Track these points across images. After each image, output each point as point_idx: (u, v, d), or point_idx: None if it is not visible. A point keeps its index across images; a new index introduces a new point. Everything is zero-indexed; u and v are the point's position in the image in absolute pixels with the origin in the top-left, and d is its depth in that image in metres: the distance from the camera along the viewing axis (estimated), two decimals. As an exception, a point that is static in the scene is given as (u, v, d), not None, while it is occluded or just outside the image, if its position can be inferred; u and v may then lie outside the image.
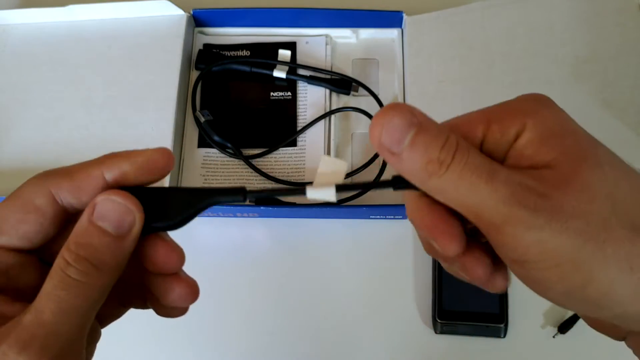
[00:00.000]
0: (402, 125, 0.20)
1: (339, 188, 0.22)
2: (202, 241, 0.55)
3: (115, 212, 0.21)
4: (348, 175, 0.54)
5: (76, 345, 0.21)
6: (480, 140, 0.22)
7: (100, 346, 0.26)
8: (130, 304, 0.26)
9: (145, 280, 0.24)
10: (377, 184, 0.26)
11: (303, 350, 0.51)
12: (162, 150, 0.23)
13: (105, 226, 0.21)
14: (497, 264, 0.23)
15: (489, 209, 0.19)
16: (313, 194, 0.22)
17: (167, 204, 0.23)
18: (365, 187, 0.35)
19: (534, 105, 0.22)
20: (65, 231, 0.23)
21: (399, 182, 0.22)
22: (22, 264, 0.22)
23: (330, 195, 0.22)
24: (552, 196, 0.19)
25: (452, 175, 0.19)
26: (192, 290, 0.24)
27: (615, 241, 0.19)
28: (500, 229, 0.19)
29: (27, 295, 0.22)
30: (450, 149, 0.20)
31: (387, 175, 0.53)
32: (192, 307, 0.52)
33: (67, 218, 0.23)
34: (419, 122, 0.20)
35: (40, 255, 0.23)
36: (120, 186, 0.22)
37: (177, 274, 0.24)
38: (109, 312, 0.26)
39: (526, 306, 0.50)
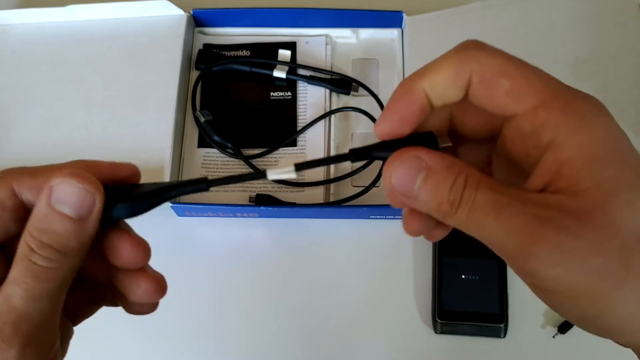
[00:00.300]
0: (410, 171, 0.21)
1: (298, 166, 0.23)
2: (202, 241, 0.55)
3: (74, 195, 0.21)
4: (348, 175, 0.54)
5: (48, 329, 0.21)
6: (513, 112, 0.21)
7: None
8: (101, 302, 0.26)
9: (112, 277, 0.24)
10: (335, 158, 0.27)
11: (303, 350, 0.51)
12: (129, 166, 0.23)
13: (65, 210, 0.21)
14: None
15: (500, 244, 0.20)
16: (273, 175, 0.23)
17: (131, 195, 0.23)
18: (323, 163, 0.33)
19: (591, 115, 0.20)
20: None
21: (355, 154, 0.23)
22: None
23: (289, 172, 0.23)
24: (570, 229, 0.18)
25: (462, 215, 0.20)
26: (159, 286, 0.24)
27: (635, 280, 0.19)
28: (514, 261, 0.20)
29: None
30: (458, 189, 0.20)
31: (387, 175, 0.53)
32: (192, 307, 0.52)
33: (25, 214, 0.23)
34: (427, 165, 0.21)
35: (4, 251, 0.23)
36: None
37: (144, 269, 0.24)
38: (80, 310, 0.26)
39: (526, 306, 0.50)
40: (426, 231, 0.24)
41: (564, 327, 0.50)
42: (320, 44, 0.60)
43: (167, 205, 0.51)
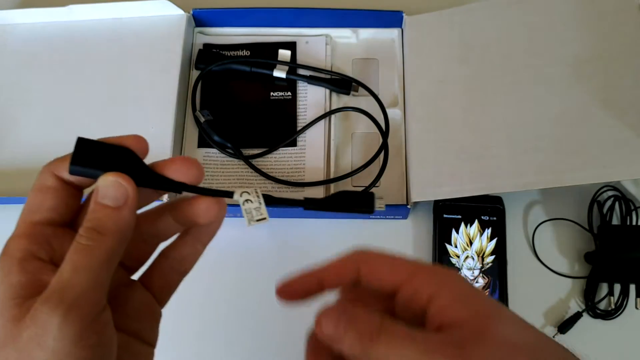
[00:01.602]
0: (334, 320, 0.26)
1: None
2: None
3: (111, 189, 0.26)
4: (348, 175, 0.54)
5: (92, 299, 0.24)
6: (393, 286, 0.27)
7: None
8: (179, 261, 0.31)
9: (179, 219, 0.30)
10: (289, 201, 0.31)
11: (303, 349, 0.51)
12: (131, 137, 0.29)
13: (105, 202, 0.26)
14: None
15: None
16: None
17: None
18: (275, 202, 0.34)
19: (444, 275, 0.26)
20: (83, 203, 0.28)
21: (309, 203, 0.28)
22: (60, 235, 0.26)
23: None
24: (467, 347, 0.23)
25: (382, 343, 0.24)
26: (216, 201, 0.30)
27: None
28: None
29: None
30: (375, 323, 0.25)
31: (387, 174, 0.53)
32: (192, 307, 0.52)
33: (76, 191, 0.28)
34: (348, 313, 0.26)
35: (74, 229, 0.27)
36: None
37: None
38: (164, 286, 0.31)
39: (526, 306, 0.50)
40: None
41: (563, 327, 0.50)
42: (320, 44, 0.60)
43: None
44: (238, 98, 0.58)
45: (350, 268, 0.28)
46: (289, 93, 0.58)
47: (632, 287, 0.51)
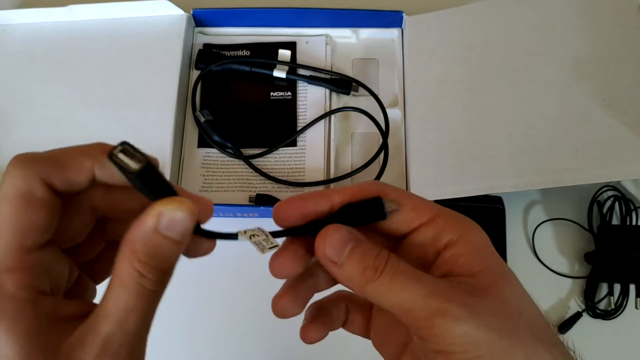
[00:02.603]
0: (342, 239, 0.24)
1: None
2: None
3: (181, 222, 0.22)
4: (348, 174, 0.54)
5: (144, 341, 0.22)
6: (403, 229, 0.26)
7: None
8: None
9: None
10: (296, 230, 0.27)
11: (302, 349, 0.51)
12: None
13: (171, 235, 0.21)
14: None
15: (419, 305, 0.22)
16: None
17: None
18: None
19: (469, 224, 0.25)
20: (65, 216, 0.23)
21: (315, 226, 0.25)
22: (51, 257, 0.23)
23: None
24: (475, 295, 0.23)
25: (386, 278, 0.23)
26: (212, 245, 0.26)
27: (521, 343, 0.22)
28: (430, 321, 0.22)
29: (62, 287, 0.23)
30: (383, 258, 0.23)
31: (387, 174, 0.53)
32: (191, 307, 0.52)
33: (60, 204, 0.23)
34: (356, 238, 0.24)
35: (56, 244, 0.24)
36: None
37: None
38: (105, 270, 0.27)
39: (526, 306, 0.50)
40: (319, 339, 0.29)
41: (563, 327, 0.50)
42: (320, 43, 0.60)
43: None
44: (238, 98, 0.58)
45: (368, 195, 0.26)
46: (289, 93, 0.58)
47: (632, 287, 0.51)
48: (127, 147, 0.21)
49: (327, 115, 0.56)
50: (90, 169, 0.23)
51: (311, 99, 0.58)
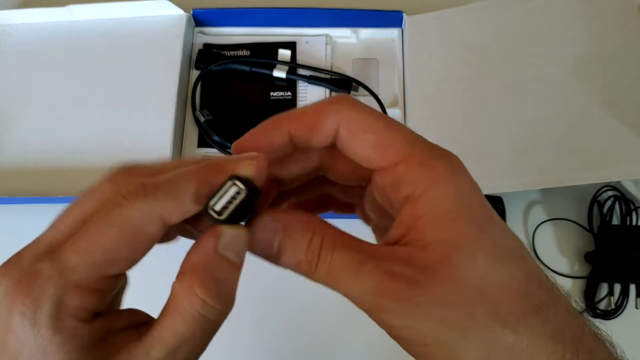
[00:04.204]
0: (267, 235, 0.21)
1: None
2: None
3: (241, 243, 0.21)
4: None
5: None
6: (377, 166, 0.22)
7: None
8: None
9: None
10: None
11: (302, 349, 0.51)
12: (255, 159, 0.22)
13: (230, 256, 0.20)
14: None
15: (358, 300, 0.21)
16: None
17: None
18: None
19: (447, 172, 0.21)
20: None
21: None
22: (124, 281, 0.22)
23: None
24: (419, 282, 0.20)
25: (321, 273, 0.21)
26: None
27: (477, 329, 0.20)
28: (372, 315, 0.21)
29: (119, 303, 0.22)
30: (314, 249, 0.21)
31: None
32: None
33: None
34: (283, 227, 0.21)
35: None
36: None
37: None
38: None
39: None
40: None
41: (564, 327, 0.50)
42: (320, 43, 0.60)
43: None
44: (238, 98, 0.58)
45: (327, 125, 0.22)
46: (289, 93, 0.58)
47: (632, 287, 0.51)
48: (226, 204, 0.20)
49: (327, 115, 0.56)
50: (206, 196, 0.20)
51: (311, 99, 0.58)
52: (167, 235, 0.22)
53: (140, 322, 0.21)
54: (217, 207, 0.20)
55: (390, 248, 0.21)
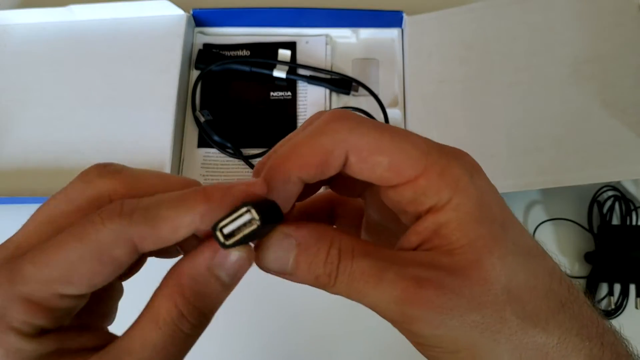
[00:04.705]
0: (280, 253, 0.20)
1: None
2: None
3: (235, 265, 0.19)
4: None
5: None
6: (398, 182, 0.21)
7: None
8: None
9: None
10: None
11: (301, 349, 0.51)
12: (259, 184, 0.20)
13: (221, 275, 0.19)
14: None
15: (383, 309, 0.20)
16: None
17: None
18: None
19: (465, 177, 0.21)
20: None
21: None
22: (83, 301, 0.20)
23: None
24: (448, 287, 0.19)
25: (342, 285, 0.20)
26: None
27: (508, 331, 0.19)
28: (399, 325, 0.20)
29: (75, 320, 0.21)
30: (332, 261, 0.20)
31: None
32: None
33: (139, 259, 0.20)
34: (297, 243, 0.20)
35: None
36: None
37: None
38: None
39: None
40: None
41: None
42: (320, 43, 0.60)
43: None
44: (238, 98, 0.58)
45: (336, 159, 0.21)
46: (289, 93, 0.58)
47: (632, 287, 0.51)
48: (234, 230, 0.19)
49: (327, 115, 0.56)
50: (189, 225, 0.19)
51: (311, 99, 0.58)
52: (169, 251, 0.22)
53: (103, 344, 0.19)
54: (226, 231, 0.19)
55: (412, 253, 0.20)
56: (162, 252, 0.22)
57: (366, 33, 0.60)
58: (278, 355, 0.52)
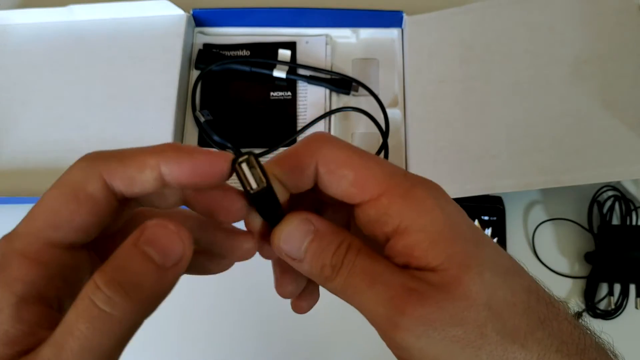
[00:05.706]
0: (299, 233, 0.22)
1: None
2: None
3: (164, 239, 0.18)
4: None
5: None
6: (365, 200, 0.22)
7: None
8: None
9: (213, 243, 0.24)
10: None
11: (301, 349, 0.51)
12: (225, 156, 0.21)
13: (149, 252, 0.18)
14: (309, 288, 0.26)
15: (371, 312, 0.21)
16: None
17: None
18: None
19: (430, 199, 0.21)
20: (120, 223, 0.22)
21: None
22: (80, 264, 0.20)
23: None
24: (433, 299, 0.20)
25: (340, 279, 0.21)
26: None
27: (489, 347, 0.20)
28: (384, 332, 0.21)
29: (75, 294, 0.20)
30: (341, 253, 0.21)
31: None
32: (188, 307, 0.52)
33: (119, 207, 0.21)
34: (315, 229, 0.22)
35: (96, 251, 0.21)
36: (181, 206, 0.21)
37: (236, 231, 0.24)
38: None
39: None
40: (295, 295, 0.26)
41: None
42: (320, 43, 0.60)
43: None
44: (238, 98, 0.58)
45: (308, 167, 0.22)
46: (289, 93, 0.58)
47: (632, 287, 0.51)
48: (252, 159, 0.20)
49: (327, 115, 0.56)
50: (155, 166, 0.20)
51: (311, 99, 0.58)
52: (220, 264, 0.23)
53: None
54: (244, 167, 0.20)
55: (404, 267, 0.21)
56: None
57: (366, 33, 0.60)
58: (277, 355, 0.52)
